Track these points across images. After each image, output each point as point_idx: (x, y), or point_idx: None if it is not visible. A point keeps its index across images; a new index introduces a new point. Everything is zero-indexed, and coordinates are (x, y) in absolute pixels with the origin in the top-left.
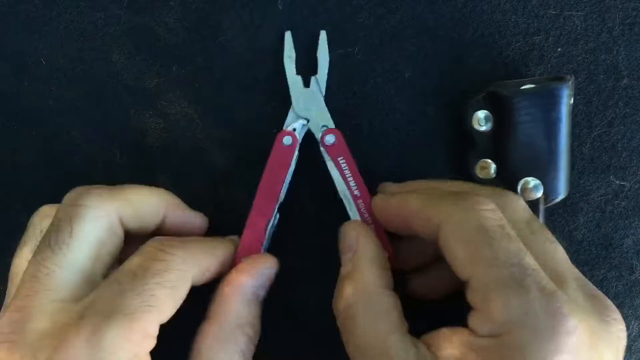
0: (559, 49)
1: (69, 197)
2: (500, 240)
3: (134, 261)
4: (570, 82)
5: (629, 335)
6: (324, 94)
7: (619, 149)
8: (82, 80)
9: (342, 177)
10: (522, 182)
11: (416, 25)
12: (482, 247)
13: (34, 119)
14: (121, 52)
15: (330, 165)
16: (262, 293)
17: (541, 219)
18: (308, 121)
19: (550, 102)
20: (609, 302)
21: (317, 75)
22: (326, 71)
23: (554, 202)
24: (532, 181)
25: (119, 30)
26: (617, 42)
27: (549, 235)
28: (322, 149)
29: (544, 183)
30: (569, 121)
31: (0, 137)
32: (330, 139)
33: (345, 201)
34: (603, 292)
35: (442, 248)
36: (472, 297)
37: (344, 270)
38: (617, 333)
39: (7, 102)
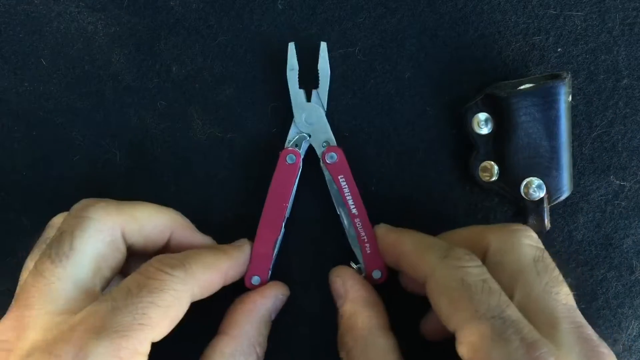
0: (559, 49)
1: (75, 207)
2: (481, 294)
3: (131, 278)
4: (567, 80)
5: (629, 335)
6: (325, 108)
7: (619, 149)
8: (82, 80)
9: (341, 195)
10: (525, 182)
11: (416, 25)
12: (463, 302)
13: (34, 119)
14: (121, 52)
15: (330, 182)
16: (273, 316)
17: (545, 219)
18: (310, 136)
19: (548, 100)
20: (603, 349)
21: (319, 89)
22: (327, 84)
23: (558, 201)
24: (535, 181)
25: (119, 30)
26: (617, 42)
27: (554, 274)
28: (322, 166)
29: (546, 182)
30: (569, 119)
31: (0, 137)
32: (331, 157)
33: (342, 218)
34: (602, 292)
35: (429, 298)
36: (459, 349)
37: (339, 318)
38: None
39: (7, 102)
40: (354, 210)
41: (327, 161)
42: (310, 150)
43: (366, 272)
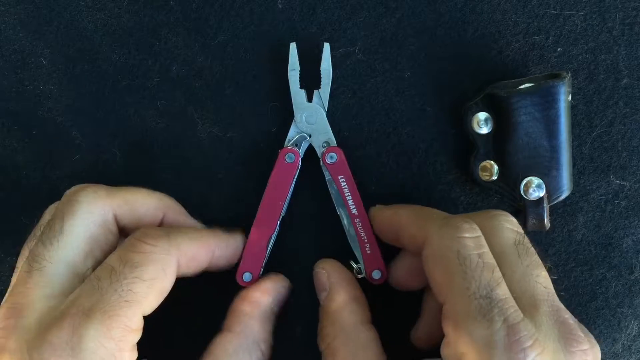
0: (559, 49)
1: (66, 193)
2: (474, 270)
3: (113, 255)
4: (567, 79)
5: (629, 335)
6: (326, 109)
7: (619, 148)
8: (82, 80)
9: (341, 195)
10: (524, 181)
11: (416, 25)
12: (456, 276)
13: (34, 119)
14: (121, 52)
15: (330, 182)
16: (276, 310)
17: (545, 218)
18: (310, 136)
19: (548, 100)
20: (580, 333)
21: (320, 90)
22: (329, 85)
23: (558, 200)
24: (535, 180)
25: (119, 30)
26: (617, 41)
27: (534, 258)
28: (322, 166)
29: (546, 182)
30: (569, 118)
31: (0, 137)
32: (331, 157)
33: (342, 218)
34: (602, 292)
35: (424, 267)
36: (444, 324)
37: (320, 310)
38: None
39: (7, 102)
40: (354, 211)
41: (327, 161)
42: (310, 150)
43: (366, 273)
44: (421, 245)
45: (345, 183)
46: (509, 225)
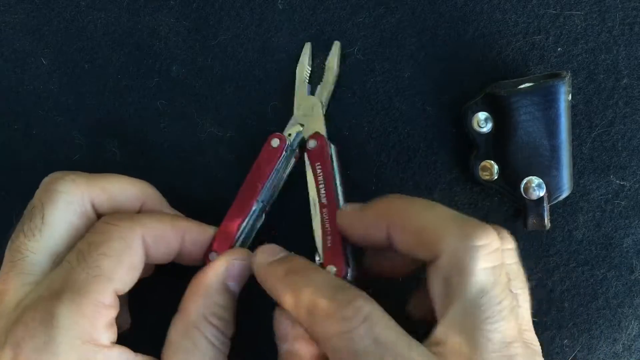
0: (559, 49)
1: (44, 181)
2: (498, 295)
3: (81, 239)
4: (566, 79)
5: (629, 335)
6: (325, 103)
7: (619, 148)
8: (82, 80)
9: (315, 182)
10: (524, 181)
11: (416, 25)
12: (469, 314)
13: (34, 119)
14: (121, 52)
15: (308, 169)
16: (232, 284)
17: (545, 218)
18: (303, 126)
19: (548, 99)
20: None
21: (322, 83)
22: (332, 81)
23: (558, 200)
24: (535, 180)
25: (119, 30)
26: (617, 41)
27: (500, 306)
28: (305, 153)
29: (546, 181)
30: (569, 118)
31: (0, 137)
32: (312, 143)
33: (312, 207)
34: (602, 292)
35: (431, 273)
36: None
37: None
38: None
39: (7, 102)
40: (323, 200)
41: (308, 147)
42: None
43: (322, 265)
44: (432, 250)
45: (321, 171)
46: (485, 265)
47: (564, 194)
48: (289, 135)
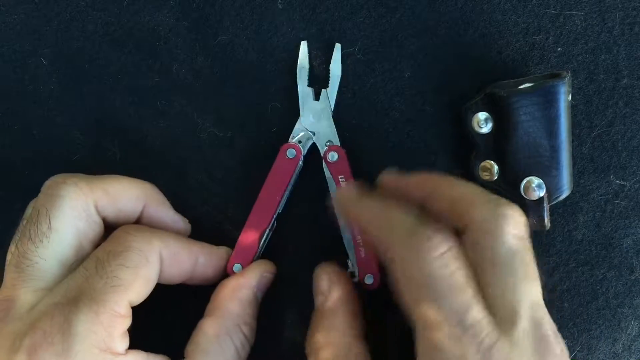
0: (559, 49)
1: (46, 185)
2: (446, 293)
3: (99, 248)
4: (566, 79)
5: (629, 335)
6: (332, 108)
7: (619, 148)
8: (82, 80)
9: None
10: (524, 181)
11: (416, 25)
12: (426, 299)
13: (34, 119)
14: (121, 52)
15: (330, 181)
16: (259, 295)
17: (545, 218)
18: (314, 134)
19: (548, 99)
20: (557, 349)
21: (328, 89)
22: (337, 85)
23: (558, 200)
24: (535, 180)
25: (119, 30)
26: (617, 41)
27: (529, 270)
28: (324, 164)
29: (546, 181)
30: (569, 118)
31: (0, 137)
32: (333, 156)
33: (339, 219)
34: (602, 292)
35: (394, 280)
36: (417, 345)
37: (315, 314)
38: None
39: (7, 102)
40: None
41: (328, 160)
42: (313, 149)
43: (358, 277)
44: (383, 254)
45: (344, 182)
46: (513, 231)
47: (564, 194)
48: (300, 142)
